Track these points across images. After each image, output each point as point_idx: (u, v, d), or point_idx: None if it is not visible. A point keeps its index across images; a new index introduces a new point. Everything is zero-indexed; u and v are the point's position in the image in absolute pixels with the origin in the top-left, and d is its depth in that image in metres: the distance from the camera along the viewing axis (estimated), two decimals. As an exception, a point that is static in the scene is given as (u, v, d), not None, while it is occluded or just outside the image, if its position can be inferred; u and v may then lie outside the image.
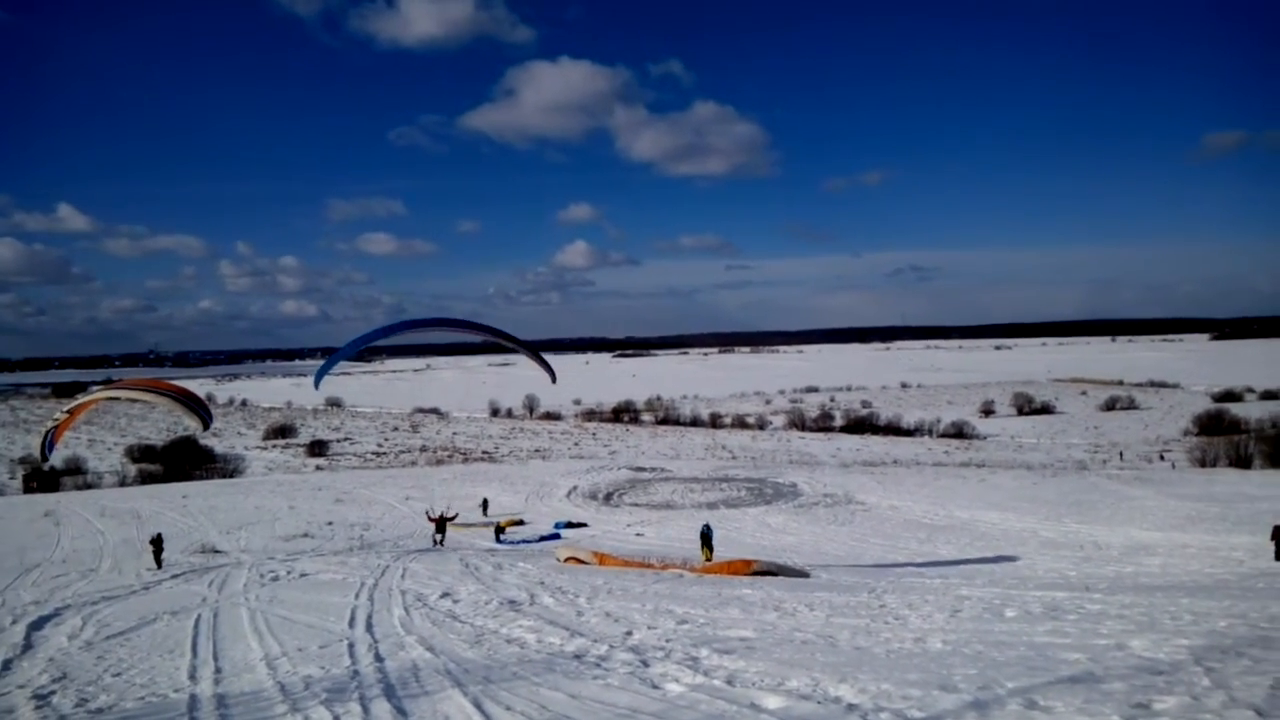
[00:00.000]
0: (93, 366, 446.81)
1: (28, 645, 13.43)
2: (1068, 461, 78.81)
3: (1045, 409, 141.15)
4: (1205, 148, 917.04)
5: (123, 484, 72.44)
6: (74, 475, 76.92)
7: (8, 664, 12.21)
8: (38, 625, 15.01)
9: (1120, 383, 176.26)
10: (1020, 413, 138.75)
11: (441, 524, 30.40)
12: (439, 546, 29.67)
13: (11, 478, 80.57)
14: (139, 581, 21.43)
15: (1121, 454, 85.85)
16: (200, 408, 24.71)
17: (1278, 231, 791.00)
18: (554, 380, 25.58)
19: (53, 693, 10.53)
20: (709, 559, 24.45)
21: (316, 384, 23.24)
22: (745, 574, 20.20)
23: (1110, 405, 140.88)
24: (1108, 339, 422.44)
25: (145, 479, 75.01)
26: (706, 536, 25.11)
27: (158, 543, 27.28)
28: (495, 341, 24.16)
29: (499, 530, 35.57)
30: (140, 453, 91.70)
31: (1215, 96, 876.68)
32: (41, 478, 73.17)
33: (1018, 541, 31.99)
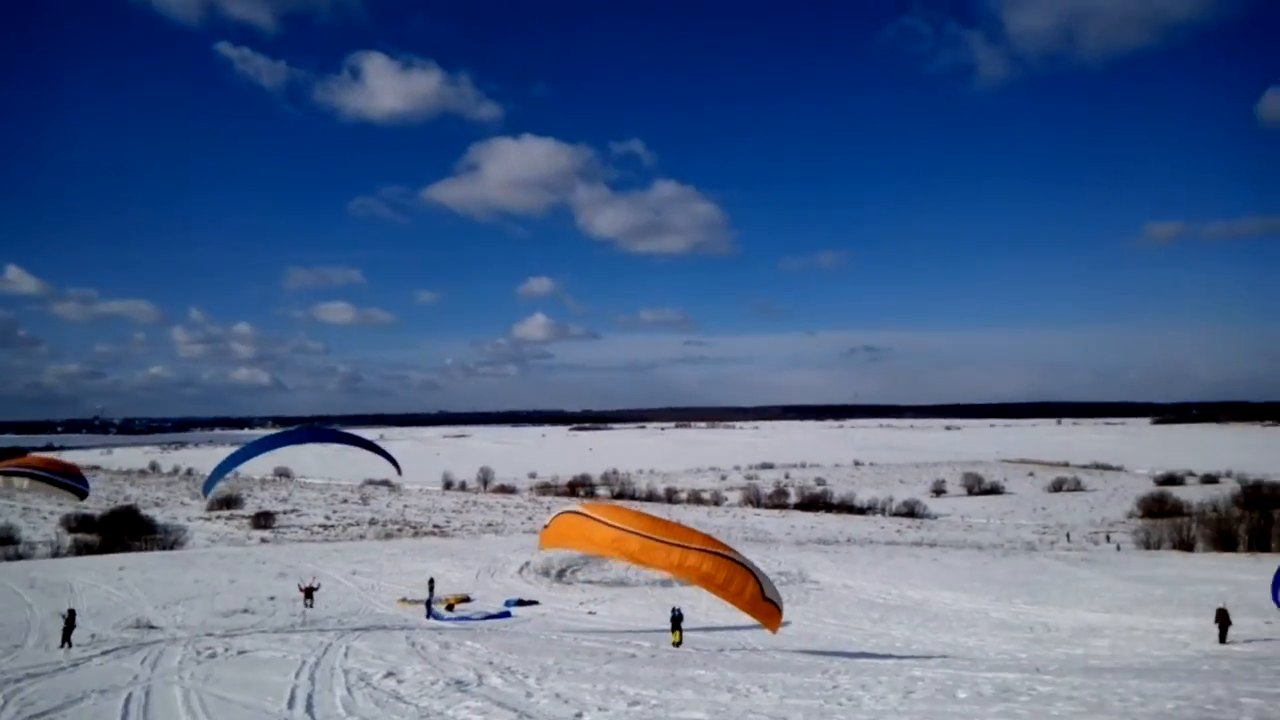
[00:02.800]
0: (35, 432, 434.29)
1: (-57, 726, 12.74)
2: (1017, 542, 79.60)
3: (994, 489, 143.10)
4: (1147, 237, 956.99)
5: (56, 555, 69.56)
6: (4, 545, 73.81)
7: (-79, 746, 11.57)
8: (-45, 704, 14.23)
9: (1066, 464, 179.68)
10: (970, 493, 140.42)
11: (309, 593, 33.85)
12: (308, 606, 33.10)
13: (-65, 547, 76.98)
14: (67, 658, 20.50)
15: (1069, 535, 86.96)
16: (70, 478, 23.78)
17: (1216, 321, 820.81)
18: (399, 472, 30.44)
19: (-31, 778, 9.99)
20: (678, 642, 23.97)
21: (206, 492, 26.80)
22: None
23: (1057, 486, 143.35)
24: (1054, 421, 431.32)
25: (81, 549, 72.15)
26: (677, 619, 24.72)
27: (71, 618, 25.49)
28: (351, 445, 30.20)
29: (429, 605, 34.73)
30: (77, 522, 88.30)
31: (1157, 188, 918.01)
32: (-33, 548, 70.15)
33: (969, 622, 32.04)
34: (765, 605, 20.06)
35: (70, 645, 24.14)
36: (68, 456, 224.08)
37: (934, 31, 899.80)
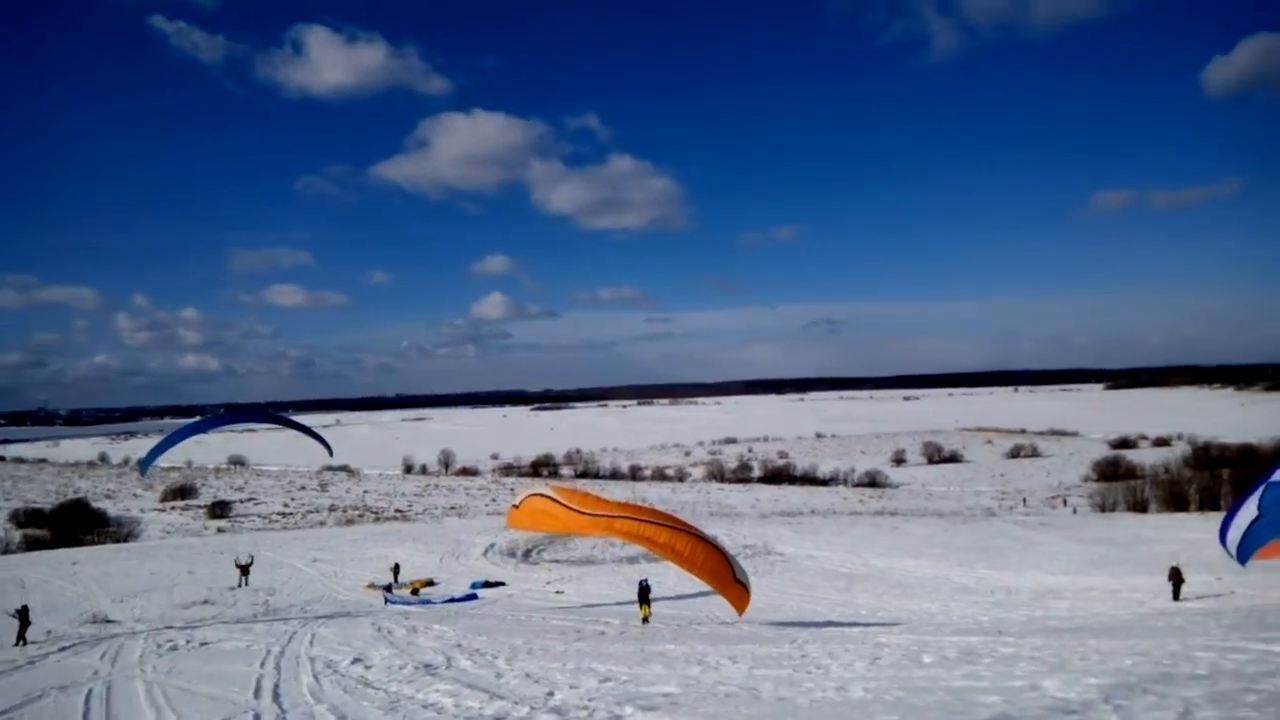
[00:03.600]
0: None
1: (-107, 730, 12.35)
2: (976, 508, 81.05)
3: (954, 458, 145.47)
4: (1096, 206, 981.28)
5: (6, 551, 67.92)
6: (-49, 543, 71.85)
7: None
8: (-95, 708, 13.80)
9: (1023, 431, 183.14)
10: (930, 461, 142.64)
11: (245, 570, 37.44)
12: (243, 585, 36.58)
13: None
14: (23, 656, 20.00)
15: (1025, 500, 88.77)
16: None
17: (1164, 287, 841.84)
18: (331, 454, 30.02)
19: (-79, 782, 9.69)
20: (647, 617, 23.84)
21: (143, 472, 27.98)
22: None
23: (1015, 453, 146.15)
24: (1010, 389, 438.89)
25: (31, 545, 70.52)
26: (644, 592, 24.54)
27: (24, 614, 24.48)
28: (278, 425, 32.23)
29: (387, 590, 34.51)
30: (26, 517, 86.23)
31: (1105, 158, 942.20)
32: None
33: (932, 588, 32.55)
34: (736, 587, 20.34)
35: (26, 643, 23.51)
36: (12, 450, 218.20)
37: (887, 2, 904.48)
